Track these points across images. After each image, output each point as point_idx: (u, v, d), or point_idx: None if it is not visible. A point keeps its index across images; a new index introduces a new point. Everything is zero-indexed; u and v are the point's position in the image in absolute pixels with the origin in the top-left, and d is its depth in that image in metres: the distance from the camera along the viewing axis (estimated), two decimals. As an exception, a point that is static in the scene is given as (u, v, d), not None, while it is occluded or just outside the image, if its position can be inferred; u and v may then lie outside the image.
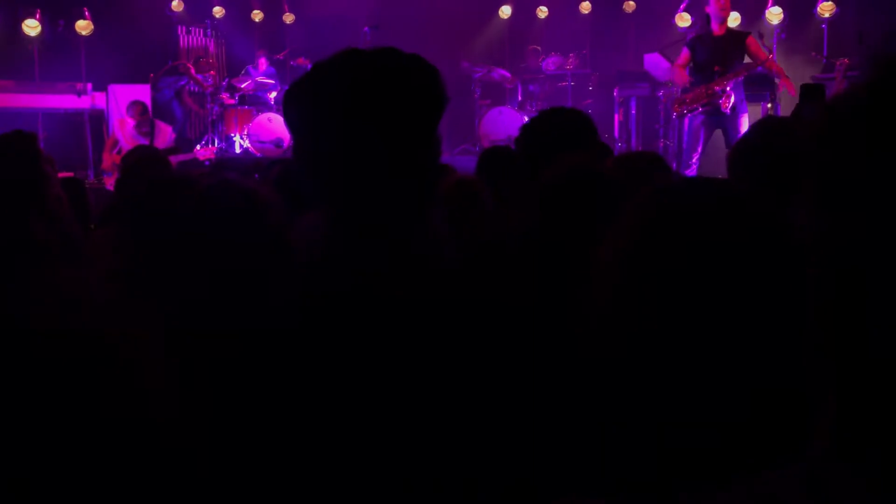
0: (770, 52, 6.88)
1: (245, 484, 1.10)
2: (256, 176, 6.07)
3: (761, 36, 6.87)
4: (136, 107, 7.70)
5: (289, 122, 1.22)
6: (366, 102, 1.14)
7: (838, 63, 7.41)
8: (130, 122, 7.72)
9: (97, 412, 0.85)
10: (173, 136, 7.92)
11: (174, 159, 7.37)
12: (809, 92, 3.18)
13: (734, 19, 7.21)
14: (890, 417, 0.56)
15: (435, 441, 1.07)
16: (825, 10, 8.45)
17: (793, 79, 6.51)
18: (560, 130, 2.30)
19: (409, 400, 1.07)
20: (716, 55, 6.59)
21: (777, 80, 6.83)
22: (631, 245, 0.91)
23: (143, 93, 9.00)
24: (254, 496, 1.10)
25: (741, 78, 6.54)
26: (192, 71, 9.49)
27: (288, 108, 1.21)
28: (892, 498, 0.56)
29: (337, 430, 1.07)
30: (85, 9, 9.44)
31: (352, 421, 1.07)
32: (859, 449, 0.59)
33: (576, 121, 2.38)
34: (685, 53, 6.81)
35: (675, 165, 7.72)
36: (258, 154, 8.98)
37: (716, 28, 6.70)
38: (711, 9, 6.67)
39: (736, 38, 6.68)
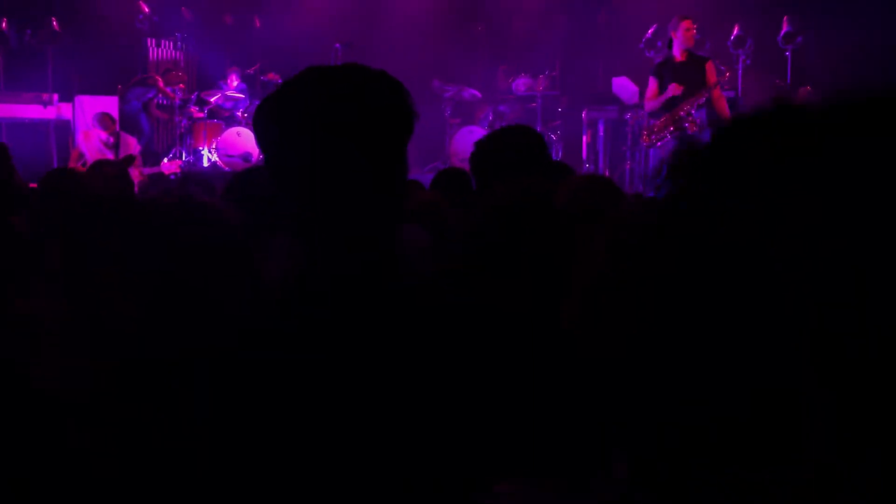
0: (724, 78, 7.04)
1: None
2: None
3: (725, 72, 7.02)
4: (106, 119, 7.63)
5: (260, 139, 1.23)
6: (337, 117, 1.15)
7: (801, 90, 7.57)
8: (96, 133, 7.64)
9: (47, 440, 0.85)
10: (139, 148, 7.86)
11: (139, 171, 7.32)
12: None
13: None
14: (890, 417, 0.57)
15: (427, 444, 1.08)
16: (789, 37, 8.63)
17: (756, 104, 6.62)
18: (512, 150, 2.33)
19: (397, 405, 1.08)
20: (677, 81, 6.74)
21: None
22: (627, 256, 0.94)
23: (110, 104, 8.91)
24: None
25: (703, 100, 6.69)
26: (161, 83, 9.43)
27: (259, 125, 1.22)
28: (892, 498, 0.56)
29: (325, 435, 1.08)
30: (53, 19, 9.35)
31: (341, 426, 1.08)
32: (859, 449, 0.59)
33: (527, 140, 2.40)
34: (653, 83, 6.95)
35: (641, 188, 7.82)
36: (226, 168, 8.94)
37: (677, 54, 6.85)
38: (679, 36, 6.82)
39: (697, 63, 6.84)
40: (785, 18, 8.63)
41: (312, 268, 1.18)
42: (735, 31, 8.61)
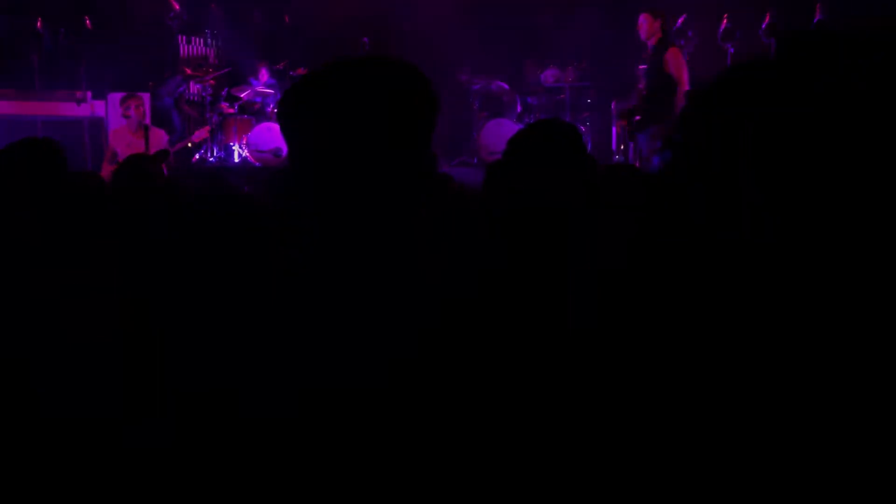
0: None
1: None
2: (246, 188, 6.12)
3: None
4: (129, 99, 7.74)
5: (284, 130, 1.25)
6: (357, 106, 1.17)
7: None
8: (123, 130, 7.74)
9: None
10: (166, 137, 7.96)
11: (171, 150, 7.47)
12: None
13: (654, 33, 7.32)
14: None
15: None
16: (822, 26, 8.51)
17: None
18: (546, 144, 2.32)
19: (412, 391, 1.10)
20: (646, 70, 6.95)
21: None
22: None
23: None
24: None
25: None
26: (189, 71, 9.54)
27: (283, 116, 1.24)
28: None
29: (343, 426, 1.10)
30: (86, 18, 9.48)
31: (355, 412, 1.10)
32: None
33: (562, 134, 2.39)
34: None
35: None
36: (257, 164, 9.01)
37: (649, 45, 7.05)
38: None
39: (657, 53, 6.96)
40: (817, 6, 8.51)
41: (325, 253, 1.19)
42: (766, 20, 8.51)
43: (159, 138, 7.78)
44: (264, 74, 9.80)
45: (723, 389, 1.06)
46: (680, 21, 8.77)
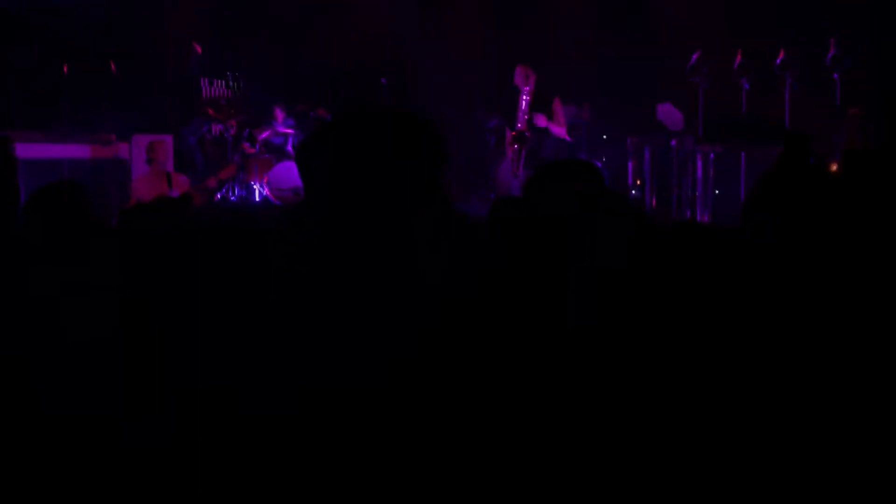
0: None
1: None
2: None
3: None
4: (149, 151, 7.88)
5: (304, 171, 1.31)
6: (370, 153, 1.22)
7: (850, 113, 7.45)
8: (147, 177, 7.87)
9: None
10: (188, 181, 8.09)
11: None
12: (792, 140, 3.22)
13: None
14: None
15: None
16: (837, 60, 8.53)
17: (803, 128, 6.53)
18: (565, 183, 2.32)
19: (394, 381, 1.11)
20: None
21: None
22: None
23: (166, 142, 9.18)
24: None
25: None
26: (211, 111, 9.72)
27: (304, 159, 1.30)
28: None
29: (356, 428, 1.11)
30: (111, 62, 9.70)
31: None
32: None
33: (583, 173, 2.38)
34: None
35: (688, 213, 7.76)
36: (277, 202, 9.11)
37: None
38: None
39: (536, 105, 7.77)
40: (832, 41, 8.53)
41: (325, 252, 1.22)
42: (780, 55, 8.54)
43: (182, 183, 7.90)
44: (279, 115, 9.95)
45: (722, 387, 1.07)
46: (694, 58, 8.83)
